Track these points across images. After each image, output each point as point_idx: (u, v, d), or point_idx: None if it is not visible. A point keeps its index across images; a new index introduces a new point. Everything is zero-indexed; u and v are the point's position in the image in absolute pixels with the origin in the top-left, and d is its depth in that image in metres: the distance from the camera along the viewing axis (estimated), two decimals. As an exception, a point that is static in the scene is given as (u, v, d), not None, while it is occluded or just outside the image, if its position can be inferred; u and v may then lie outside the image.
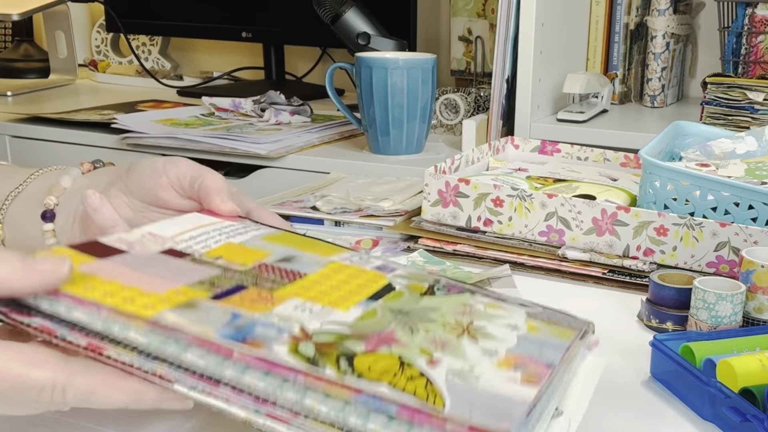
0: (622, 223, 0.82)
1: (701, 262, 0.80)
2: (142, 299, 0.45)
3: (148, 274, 0.48)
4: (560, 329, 0.53)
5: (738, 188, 0.81)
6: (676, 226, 0.80)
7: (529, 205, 0.86)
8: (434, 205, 0.90)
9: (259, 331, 0.44)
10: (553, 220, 0.85)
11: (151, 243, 0.54)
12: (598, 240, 0.84)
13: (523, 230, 0.87)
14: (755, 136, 0.98)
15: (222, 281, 0.50)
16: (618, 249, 0.83)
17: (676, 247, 0.80)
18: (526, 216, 0.86)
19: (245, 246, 0.57)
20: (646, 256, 0.82)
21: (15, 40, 2.21)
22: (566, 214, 0.85)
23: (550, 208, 0.85)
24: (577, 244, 0.85)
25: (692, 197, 0.83)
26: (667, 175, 0.84)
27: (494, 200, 0.87)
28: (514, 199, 0.86)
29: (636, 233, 0.82)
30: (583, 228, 0.84)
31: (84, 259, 0.49)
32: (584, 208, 0.84)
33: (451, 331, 0.49)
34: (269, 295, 0.49)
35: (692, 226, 0.79)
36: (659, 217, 0.81)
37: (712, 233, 0.79)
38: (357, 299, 0.51)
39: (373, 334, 0.46)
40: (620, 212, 0.82)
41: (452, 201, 0.89)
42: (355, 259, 0.59)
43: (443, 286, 0.57)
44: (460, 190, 0.89)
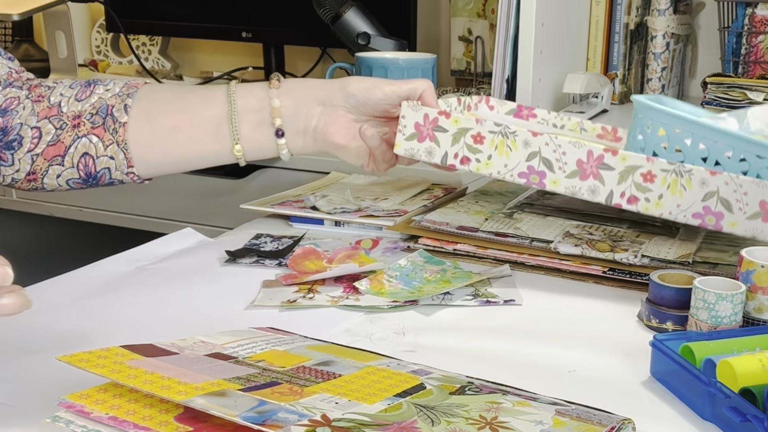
0: (608, 167, 0.78)
1: (687, 213, 0.76)
2: (178, 387, 0.47)
3: (189, 370, 0.51)
4: (587, 426, 0.52)
5: (733, 137, 0.77)
6: (664, 173, 0.76)
7: (511, 143, 0.82)
8: (409, 139, 0.85)
9: (281, 416, 0.45)
10: (535, 160, 0.81)
11: (201, 348, 0.57)
12: (580, 184, 0.80)
13: (501, 170, 0.83)
14: (737, 117, 0.96)
15: (258, 378, 0.52)
16: (601, 195, 0.79)
17: (662, 195, 0.77)
18: (507, 155, 0.82)
19: (289, 352, 0.59)
20: (629, 203, 0.78)
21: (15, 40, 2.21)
22: (550, 155, 0.80)
23: (533, 147, 0.81)
24: (558, 188, 0.81)
25: (683, 145, 0.80)
26: (660, 119, 0.81)
27: (474, 136, 0.83)
28: (496, 136, 0.82)
29: (621, 178, 0.78)
30: (567, 170, 0.80)
31: (134, 356, 0.52)
32: (570, 148, 0.79)
33: (472, 424, 0.49)
34: (300, 389, 0.51)
35: (681, 173, 0.76)
36: (647, 162, 0.77)
37: (701, 182, 0.75)
38: (384, 395, 0.52)
39: (393, 424, 0.47)
40: (607, 155, 0.78)
41: (429, 135, 0.85)
42: (393, 364, 0.60)
43: (476, 387, 0.57)
44: (439, 124, 0.84)
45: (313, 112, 0.88)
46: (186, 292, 0.82)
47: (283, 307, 0.78)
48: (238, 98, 0.85)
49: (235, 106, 0.85)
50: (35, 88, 0.86)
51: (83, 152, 0.83)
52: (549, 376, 0.65)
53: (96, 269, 0.88)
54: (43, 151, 0.83)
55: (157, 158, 0.86)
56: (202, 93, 0.88)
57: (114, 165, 0.84)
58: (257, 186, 1.37)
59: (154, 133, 0.85)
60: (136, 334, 0.71)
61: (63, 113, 0.83)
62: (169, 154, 0.87)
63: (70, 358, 0.51)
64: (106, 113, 0.83)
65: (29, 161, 0.83)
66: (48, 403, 0.52)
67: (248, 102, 0.86)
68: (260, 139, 0.87)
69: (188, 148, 0.86)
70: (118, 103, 0.84)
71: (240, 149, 0.86)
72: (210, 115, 0.86)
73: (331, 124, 0.88)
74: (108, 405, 0.48)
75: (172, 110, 0.86)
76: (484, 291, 0.81)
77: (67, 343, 0.70)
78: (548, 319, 0.76)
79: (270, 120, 0.86)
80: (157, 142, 0.85)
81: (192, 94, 0.88)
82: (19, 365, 0.66)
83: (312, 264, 0.87)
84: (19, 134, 0.82)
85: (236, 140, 0.85)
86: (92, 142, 0.83)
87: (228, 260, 0.90)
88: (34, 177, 0.85)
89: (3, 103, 0.83)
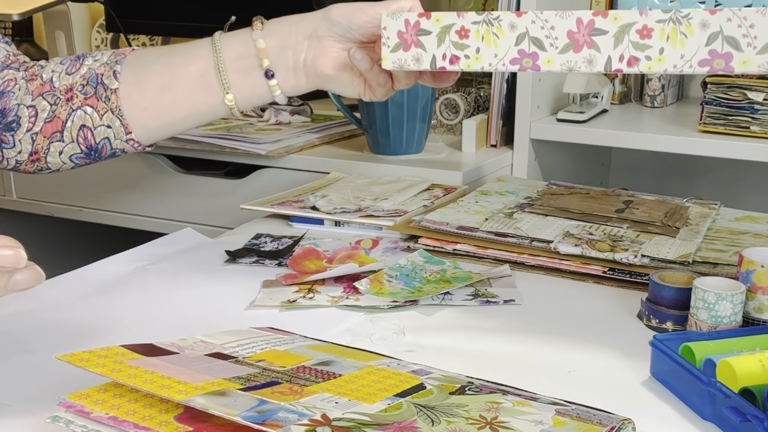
0: (601, 31, 0.75)
1: (692, 62, 0.72)
2: (178, 386, 0.47)
3: (189, 369, 0.51)
4: (587, 426, 0.52)
5: None
6: (660, 24, 0.73)
7: (497, 30, 0.78)
8: (395, 50, 0.82)
9: (281, 416, 0.45)
10: (524, 43, 0.78)
11: (201, 348, 0.57)
12: (576, 57, 0.76)
13: (493, 61, 0.79)
14: None
15: (258, 377, 0.52)
16: (599, 63, 0.76)
17: (663, 49, 0.73)
18: (495, 44, 0.79)
19: (289, 352, 0.59)
20: (630, 66, 0.75)
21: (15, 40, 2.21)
22: (538, 33, 0.77)
23: (520, 29, 0.78)
24: (553, 67, 0.77)
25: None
26: None
27: (458, 32, 0.80)
28: (480, 26, 0.79)
29: (617, 41, 0.74)
30: (559, 46, 0.76)
31: (134, 355, 0.53)
32: (558, 21, 0.76)
33: (473, 424, 0.49)
34: (300, 389, 0.51)
35: (679, 20, 0.72)
36: (641, 16, 0.73)
37: (702, 24, 0.71)
38: (384, 395, 0.52)
39: (393, 423, 0.47)
40: (598, 18, 0.75)
41: (414, 41, 0.82)
42: (393, 364, 0.60)
43: (476, 387, 0.57)
44: (421, 27, 0.81)
45: (301, 47, 0.85)
46: (186, 292, 0.82)
47: (283, 307, 0.78)
48: (223, 48, 0.84)
49: (221, 56, 0.84)
50: (29, 68, 0.86)
51: (81, 125, 0.83)
52: (549, 376, 0.65)
53: (96, 269, 0.88)
54: (41, 128, 0.83)
55: (152, 121, 0.86)
56: (187, 49, 0.87)
57: (112, 133, 0.84)
58: (257, 186, 1.37)
59: (146, 96, 0.85)
60: (136, 333, 0.71)
61: (55, 88, 0.83)
62: (163, 115, 0.86)
63: (70, 358, 0.51)
64: (96, 82, 0.83)
65: (30, 141, 0.83)
66: (48, 403, 0.52)
67: (233, 49, 0.85)
68: (251, 84, 0.85)
69: (181, 105, 0.86)
70: (107, 71, 0.84)
71: (231, 98, 0.84)
72: (197, 68, 0.85)
73: (320, 56, 0.85)
74: (108, 405, 0.48)
75: (159, 70, 0.85)
76: (484, 291, 0.81)
77: (67, 343, 0.70)
78: (548, 319, 0.76)
79: (258, 63, 0.84)
80: (149, 104, 0.85)
81: (178, 52, 0.87)
82: (19, 365, 0.66)
83: (312, 264, 0.87)
84: (17, 115, 0.83)
85: (226, 90, 0.84)
86: (87, 113, 0.83)
87: (228, 260, 0.90)
88: (37, 157, 0.85)
89: (1, 85, 0.83)
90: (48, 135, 0.84)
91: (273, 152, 1.35)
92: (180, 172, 1.44)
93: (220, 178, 1.42)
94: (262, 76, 0.84)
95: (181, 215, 1.45)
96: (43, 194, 1.58)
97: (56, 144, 0.84)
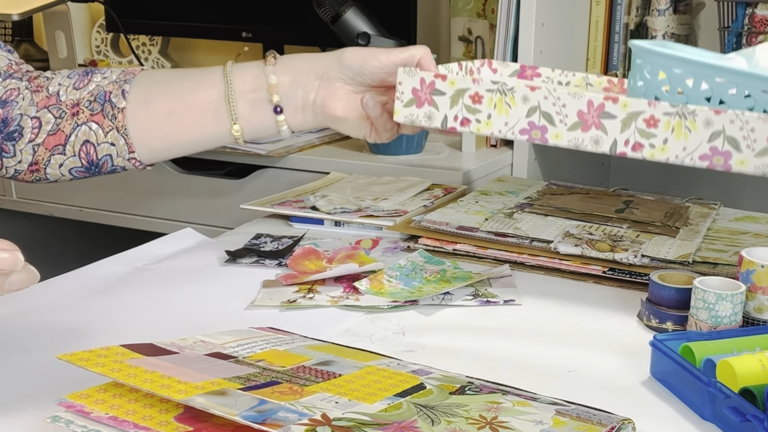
0: (610, 115, 0.77)
1: (693, 155, 0.75)
2: (178, 386, 0.47)
3: (189, 369, 0.51)
4: (587, 426, 0.52)
5: (735, 73, 0.76)
6: (667, 116, 0.75)
7: (510, 100, 0.81)
8: (407, 105, 0.84)
9: (281, 415, 0.45)
10: (535, 115, 0.80)
11: (201, 347, 0.57)
12: (583, 136, 0.78)
13: (503, 129, 0.81)
14: (745, 56, 0.92)
15: (258, 377, 0.52)
16: (605, 145, 0.78)
17: (667, 140, 0.76)
18: (506, 113, 0.81)
19: (289, 352, 0.59)
20: (634, 151, 0.77)
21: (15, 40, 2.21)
22: (550, 108, 0.79)
23: (532, 102, 0.80)
24: (561, 142, 0.79)
25: (685, 86, 0.78)
26: (659, 61, 0.79)
27: (472, 96, 0.82)
28: (494, 94, 0.81)
29: (624, 126, 0.77)
30: (568, 123, 0.79)
31: (134, 355, 0.53)
32: (569, 100, 0.78)
33: (473, 424, 0.49)
34: (300, 389, 0.51)
35: (684, 115, 0.74)
36: (649, 107, 0.76)
37: (706, 122, 0.74)
38: (384, 395, 0.52)
39: (393, 423, 0.47)
40: (608, 103, 0.77)
41: (427, 100, 0.84)
42: (393, 364, 0.60)
43: (476, 387, 0.57)
44: (436, 87, 0.83)
45: (311, 86, 0.87)
46: (186, 292, 0.82)
47: (283, 307, 0.78)
48: (234, 78, 0.85)
49: (232, 86, 0.85)
50: (34, 79, 0.86)
51: (84, 140, 0.83)
52: (549, 376, 0.65)
53: (96, 269, 0.88)
54: (43, 140, 0.84)
55: (157, 142, 0.87)
56: (198, 75, 0.88)
57: (115, 151, 0.85)
58: (257, 186, 1.37)
59: (153, 117, 0.85)
60: (136, 333, 0.71)
61: (62, 102, 0.84)
62: (169, 138, 0.87)
63: (70, 357, 0.51)
64: (104, 100, 0.84)
65: (31, 152, 0.84)
66: (48, 403, 0.52)
67: (245, 81, 0.86)
68: (259, 117, 0.86)
69: (187, 131, 0.87)
70: (115, 90, 0.85)
71: (238, 129, 0.85)
72: (207, 96, 0.86)
73: (330, 97, 0.87)
74: (108, 405, 0.48)
75: (169, 94, 0.86)
76: (484, 291, 0.81)
77: (67, 343, 0.70)
78: (548, 319, 0.76)
79: (268, 97, 0.86)
80: (156, 126, 0.86)
81: (188, 77, 0.88)
82: (19, 365, 0.66)
83: (312, 264, 0.87)
84: (19, 125, 0.83)
85: (234, 120, 0.85)
86: (92, 129, 0.83)
87: (228, 260, 0.90)
88: (37, 168, 0.85)
89: (3, 94, 0.83)
90: (50, 147, 0.84)
91: (273, 152, 1.35)
92: (180, 172, 1.44)
93: (220, 178, 1.42)
94: (271, 110, 0.85)
95: (181, 215, 1.45)
96: (43, 194, 1.58)
97: (57, 156, 0.85)
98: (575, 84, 1.04)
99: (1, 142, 0.83)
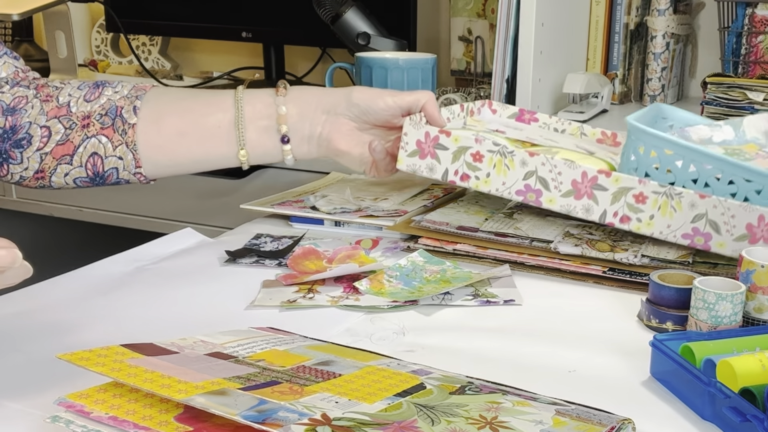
0: (602, 187, 0.81)
1: (677, 233, 0.79)
2: (178, 386, 0.48)
3: (189, 368, 0.51)
4: (587, 426, 0.52)
5: (722, 161, 0.80)
6: (655, 195, 0.80)
7: (509, 162, 0.85)
8: (411, 156, 0.88)
9: (281, 415, 0.45)
10: (532, 179, 0.84)
11: (201, 347, 0.57)
12: (575, 203, 0.83)
13: (500, 188, 0.86)
14: (732, 125, 0.98)
15: (258, 377, 0.52)
16: (595, 214, 0.82)
17: (653, 216, 0.80)
18: (504, 173, 0.85)
19: (289, 352, 0.60)
20: (622, 222, 0.81)
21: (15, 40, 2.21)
22: (546, 174, 0.83)
23: (530, 167, 0.84)
24: (554, 207, 0.83)
25: (674, 167, 0.83)
26: (651, 141, 0.83)
27: (474, 155, 0.86)
28: (494, 155, 0.85)
29: (615, 199, 0.81)
30: (562, 190, 0.83)
31: (134, 354, 0.53)
32: (565, 169, 0.83)
33: (473, 424, 0.50)
34: (300, 389, 0.51)
35: (671, 196, 0.79)
36: (639, 184, 0.80)
37: (691, 204, 0.78)
38: (384, 395, 0.52)
39: (393, 423, 0.47)
40: (601, 176, 0.82)
41: (430, 153, 0.88)
42: (393, 364, 0.60)
43: (476, 387, 0.57)
44: (439, 142, 0.87)
45: (318, 120, 0.90)
46: (186, 292, 0.82)
47: (283, 307, 0.78)
48: (245, 104, 0.87)
49: (243, 112, 0.87)
50: (42, 88, 0.87)
51: (92, 152, 0.84)
52: (549, 376, 0.65)
53: (96, 269, 0.88)
54: (52, 150, 0.85)
55: (164, 160, 0.88)
56: (210, 98, 0.90)
57: (122, 165, 0.86)
58: (257, 186, 1.37)
59: (162, 136, 0.87)
60: (136, 334, 0.71)
61: (72, 113, 0.85)
62: (177, 156, 0.89)
63: (70, 356, 0.51)
64: (115, 114, 0.85)
65: (38, 159, 0.85)
66: (48, 403, 0.52)
67: (255, 108, 0.88)
68: (266, 144, 0.89)
69: (195, 151, 0.89)
70: (127, 105, 0.86)
71: (245, 154, 0.88)
72: (217, 120, 0.88)
73: (335, 132, 0.90)
74: (108, 405, 0.48)
75: (180, 114, 0.88)
76: (484, 291, 0.81)
77: (67, 343, 0.70)
78: (548, 319, 0.76)
79: (276, 127, 0.88)
80: (165, 144, 0.87)
81: (200, 99, 0.90)
82: (19, 365, 0.66)
83: (312, 264, 0.87)
84: (28, 133, 0.84)
85: (242, 145, 0.87)
86: (101, 143, 0.84)
87: (228, 260, 0.90)
88: (42, 175, 0.86)
89: (11, 102, 0.84)
90: (57, 156, 0.85)
91: (273, 152, 1.35)
92: (180, 172, 1.44)
93: (220, 178, 1.42)
94: (279, 139, 0.89)
95: (181, 215, 1.45)
96: (43, 194, 1.58)
97: (64, 166, 0.86)
98: (570, 132, 1.07)
99: (9, 148, 0.84)
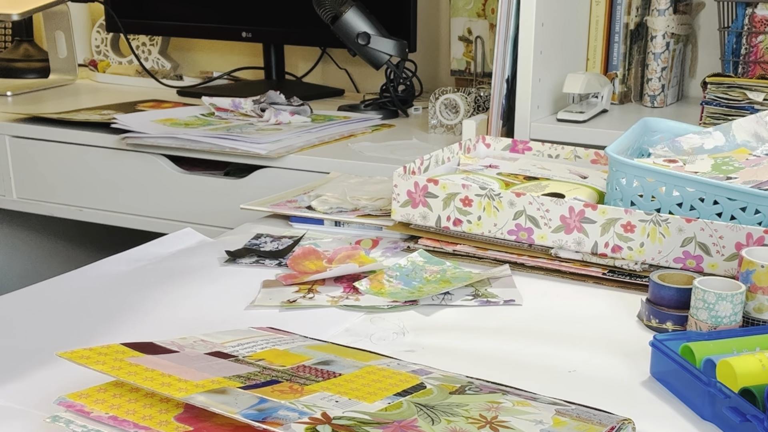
0: (590, 220, 0.83)
1: (668, 258, 0.80)
2: (179, 384, 0.48)
3: (189, 367, 0.52)
4: (587, 426, 0.52)
5: (703, 184, 0.81)
6: (642, 223, 0.81)
7: (497, 204, 0.86)
8: (404, 206, 0.91)
9: (282, 414, 0.46)
10: (521, 218, 0.86)
11: (201, 346, 0.57)
12: (566, 237, 0.84)
13: (492, 229, 0.87)
14: (723, 131, 0.99)
15: (258, 376, 0.52)
16: (586, 246, 0.83)
17: (643, 244, 0.81)
18: (495, 215, 0.87)
19: (289, 351, 0.60)
20: (614, 252, 0.83)
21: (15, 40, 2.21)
22: (534, 213, 0.85)
23: (518, 207, 0.86)
24: (546, 242, 0.85)
25: (658, 194, 0.84)
26: (632, 172, 0.85)
27: (463, 200, 0.88)
28: (482, 199, 0.87)
29: (604, 230, 0.83)
30: (552, 226, 0.85)
31: (135, 353, 0.53)
32: (552, 206, 0.84)
33: (473, 423, 0.50)
34: (300, 388, 0.51)
35: (658, 222, 0.80)
36: (626, 214, 0.81)
37: (678, 229, 0.79)
38: (384, 394, 0.52)
39: (393, 422, 0.47)
40: (587, 210, 0.83)
41: (421, 201, 0.90)
42: (393, 364, 0.60)
43: (476, 387, 0.57)
44: (429, 191, 0.89)
45: None
46: (186, 292, 0.82)
47: (283, 307, 0.78)
48: None
49: None
50: None
51: None
52: (549, 376, 0.65)
53: (96, 269, 0.88)
54: None
55: None
56: None
57: None
58: (257, 186, 1.37)
59: None
60: (136, 333, 0.71)
61: None
62: None
63: (70, 355, 0.51)
64: None
65: None
66: (48, 403, 0.52)
67: None
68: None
69: None
70: None
71: None
72: None
73: None
74: (108, 404, 0.48)
75: None
76: (484, 291, 0.81)
77: (67, 343, 0.70)
78: (548, 319, 0.76)
79: None
80: None
81: None
82: (19, 365, 0.66)
83: (312, 264, 0.87)
84: None
85: None
86: None
87: (228, 260, 0.90)
88: None
89: None
90: None
91: (273, 152, 1.35)
92: (180, 172, 1.44)
93: (220, 178, 1.42)
94: None
95: (181, 215, 1.45)
96: (43, 194, 1.58)
97: None
98: (564, 156, 1.09)
99: None
